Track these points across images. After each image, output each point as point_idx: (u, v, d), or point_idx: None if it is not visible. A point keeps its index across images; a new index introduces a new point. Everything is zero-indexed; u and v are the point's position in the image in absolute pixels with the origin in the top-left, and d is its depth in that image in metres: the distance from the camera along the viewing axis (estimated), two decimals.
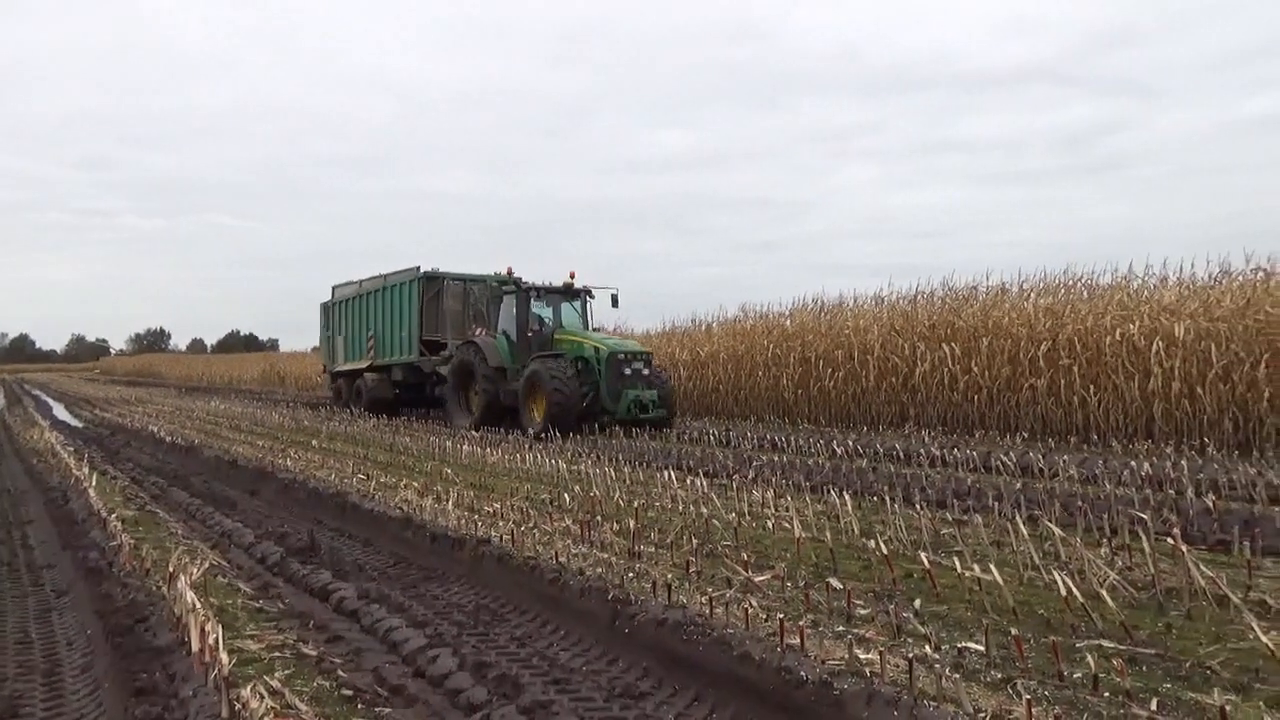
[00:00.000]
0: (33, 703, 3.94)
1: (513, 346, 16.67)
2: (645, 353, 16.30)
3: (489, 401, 16.48)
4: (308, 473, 10.46)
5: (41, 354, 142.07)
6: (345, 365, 23.16)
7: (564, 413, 14.79)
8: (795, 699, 3.53)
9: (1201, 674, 3.86)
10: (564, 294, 17.36)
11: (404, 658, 4.26)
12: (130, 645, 4.28)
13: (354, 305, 22.69)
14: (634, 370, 15.60)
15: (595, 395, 15.42)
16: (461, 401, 17.60)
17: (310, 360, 50.74)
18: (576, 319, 17.36)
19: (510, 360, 16.53)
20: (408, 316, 20.06)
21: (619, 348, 15.82)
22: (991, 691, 3.67)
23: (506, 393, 16.22)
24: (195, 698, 3.53)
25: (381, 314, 21.21)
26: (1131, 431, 13.08)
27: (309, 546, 6.76)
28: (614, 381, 15.37)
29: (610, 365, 15.42)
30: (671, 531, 6.75)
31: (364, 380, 21.72)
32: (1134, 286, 14.53)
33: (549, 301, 17.12)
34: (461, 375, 17.44)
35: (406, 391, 20.83)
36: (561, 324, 17.02)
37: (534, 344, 16.44)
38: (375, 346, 21.45)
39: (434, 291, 20.02)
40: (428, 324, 19.82)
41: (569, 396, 14.87)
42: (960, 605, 4.92)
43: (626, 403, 15.28)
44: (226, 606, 5.03)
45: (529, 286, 16.92)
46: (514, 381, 16.08)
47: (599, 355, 15.61)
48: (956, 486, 8.46)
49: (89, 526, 7.40)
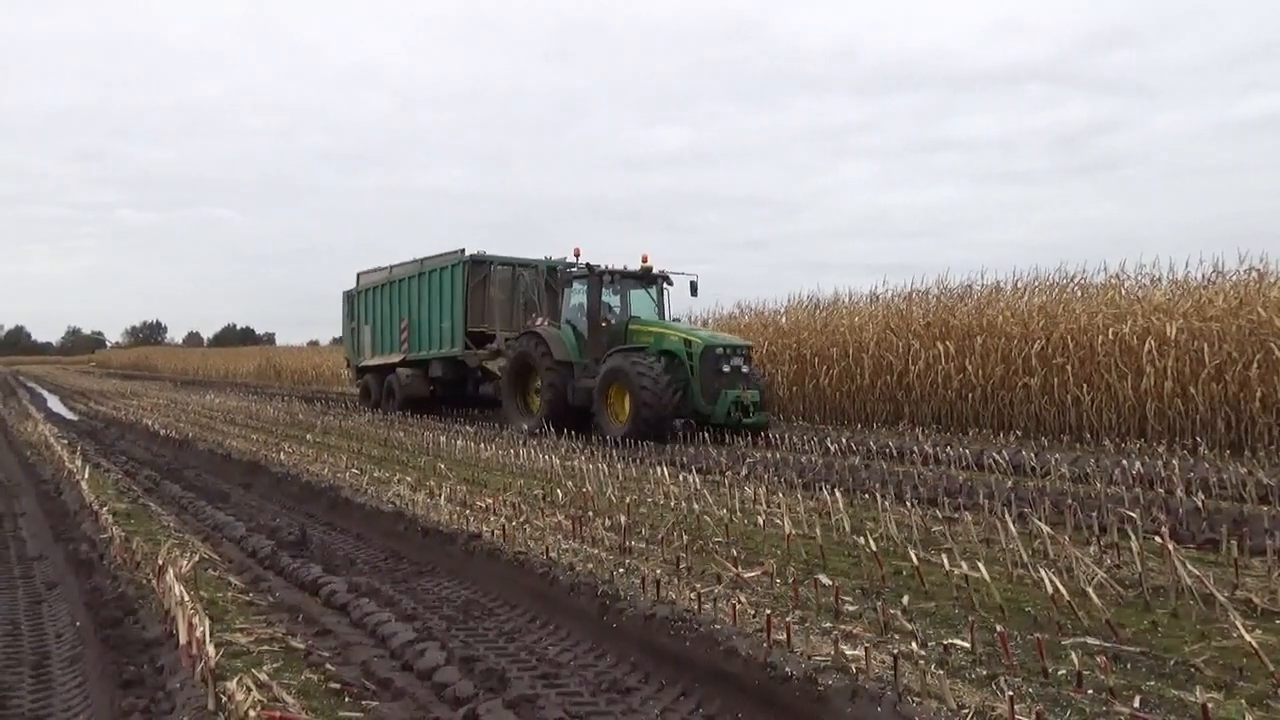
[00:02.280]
0: (20, 694, 3.94)
1: (580, 339, 14.88)
2: (745, 346, 14.31)
3: (554, 401, 14.61)
4: (301, 467, 10.46)
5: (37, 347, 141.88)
6: (374, 359, 21.10)
7: (655, 415, 12.96)
8: (780, 695, 3.55)
9: (1185, 672, 3.88)
10: (639, 280, 15.33)
11: (392, 651, 4.27)
12: (119, 638, 4.29)
13: (384, 293, 20.77)
14: (733, 367, 13.65)
15: (683, 396, 13.52)
16: (519, 401, 15.80)
17: (306, 354, 50.83)
18: (651, 308, 15.39)
19: (578, 354, 14.74)
20: (450, 305, 18.13)
21: (715, 341, 13.93)
22: (976, 688, 3.68)
23: (576, 391, 14.45)
24: (182, 690, 3.54)
25: (418, 303, 19.27)
26: (1124, 431, 13.12)
27: (300, 540, 6.77)
28: (709, 380, 13.46)
29: (705, 361, 13.48)
30: (663, 527, 6.76)
31: (396, 376, 19.75)
32: (1126, 286, 14.56)
33: (618, 289, 15.18)
34: (519, 371, 15.66)
35: (445, 389, 19.15)
36: (630, 313, 15.15)
37: (606, 336, 14.62)
38: (409, 338, 19.56)
39: (480, 277, 18.00)
40: (473, 313, 17.86)
41: (661, 397, 13.01)
42: (948, 602, 4.94)
43: (726, 405, 13.29)
44: (217, 600, 5.03)
45: (602, 271, 14.86)
46: (584, 379, 14.43)
47: (691, 350, 13.63)
48: (948, 484, 8.48)
49: (81, 519, 7.41)
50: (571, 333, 15.02)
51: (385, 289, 20.72)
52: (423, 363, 19.20)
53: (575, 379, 14.56)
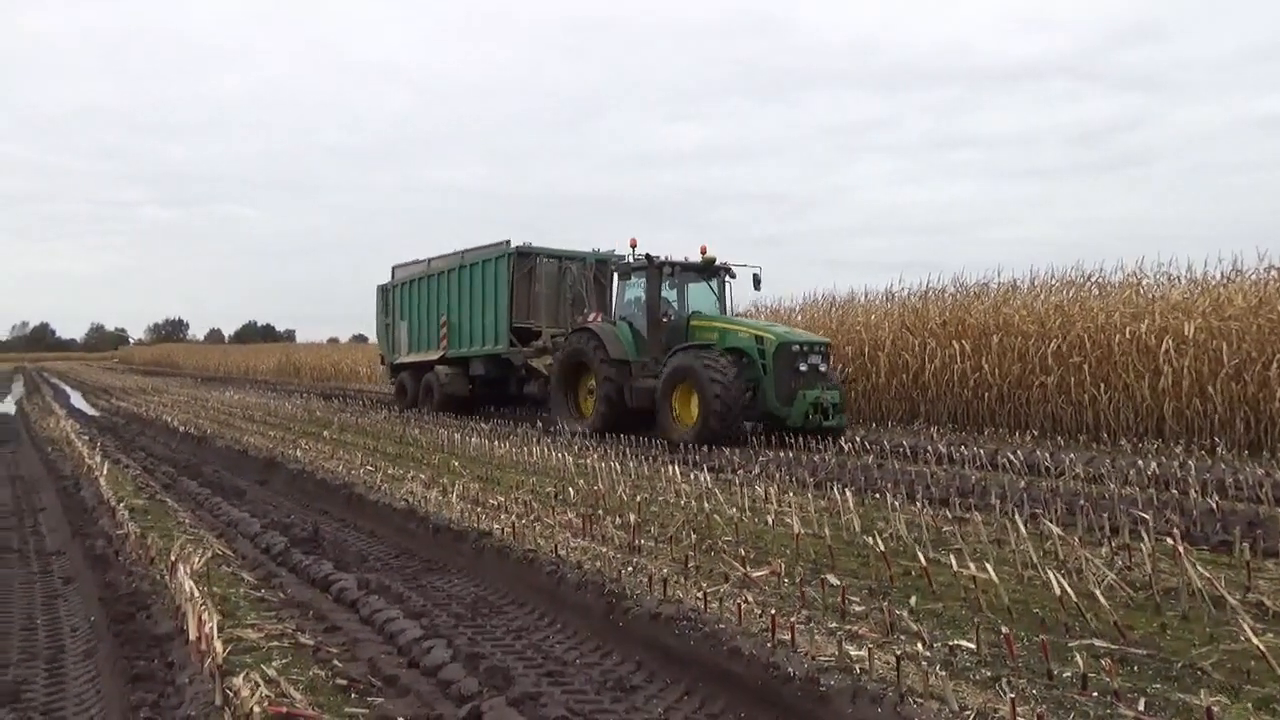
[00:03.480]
0: (34, 688, 4.01)
1: (638, 336, 13.99)
2: (823, 343, 13.35)
3: (610, 403, 13.70)
4: (317, 463, 10.54)
5: (61, 343, 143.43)
6: (410, 357, 20.27)
7: (727, 417, 12.07)
8: (782, 695, 3.56)
9: (1193, 675, 3.86)
10: (701, 272, 14.40)
11: (399, 648, 4.31)
12: (131, 632, 4.36)
13: (421, 288, 19.95)
14: (810, 366, 12.68)
15: (755, 396, 12.65)
16: (570, 402, 14.87)
17: (325, 351, 51.16)
18: (711, 303, 14.47)
19: (635, 353, 13.84)
20: (494, 300, 17.26)
21: (791, 337, 12.97)
22: (980, 689, 3.68)
23: (634, 392, 13.56)
24: (191, 685, 3.59)
25: (458, 297, 18.45)
26: (1142, 431, 13.02)
27: (313, 537, 6.83)
28: (785, 380, 12.51)
29: (780, 359, 12.53)
30: (672, 526, 6.78)
31: (435, 375, 18.91)
32: (1144, 284, 14.44)
33: (676, 282, 14.24)
34: (571, 370, 14.73)
35: (486, 388, 18.36)
36: (689, 308, 14.27)
37: (665, 333, 13.74)
38: (449, 335, 18.74)
39: (525, 270, 17.11)
40: (517, 309, 16.98)
41: (733, 398, 12.11)
42: (955, 603, 4.93)
43: (804, 406, 12.35)
44: (229, 596, 5.08)
45: (662, 262, 13.92)
46: (642, 378, 13.55)
47: (764, 347, 12.70)
48: (961, 484, 8.45)
49: (98, 515, 7.50)
50: (628, 329, 14.11)
51: (423, 283, 19.93)
52: (463, 360, 18.52)
53: (633, 379, 13.68)
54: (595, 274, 17.31)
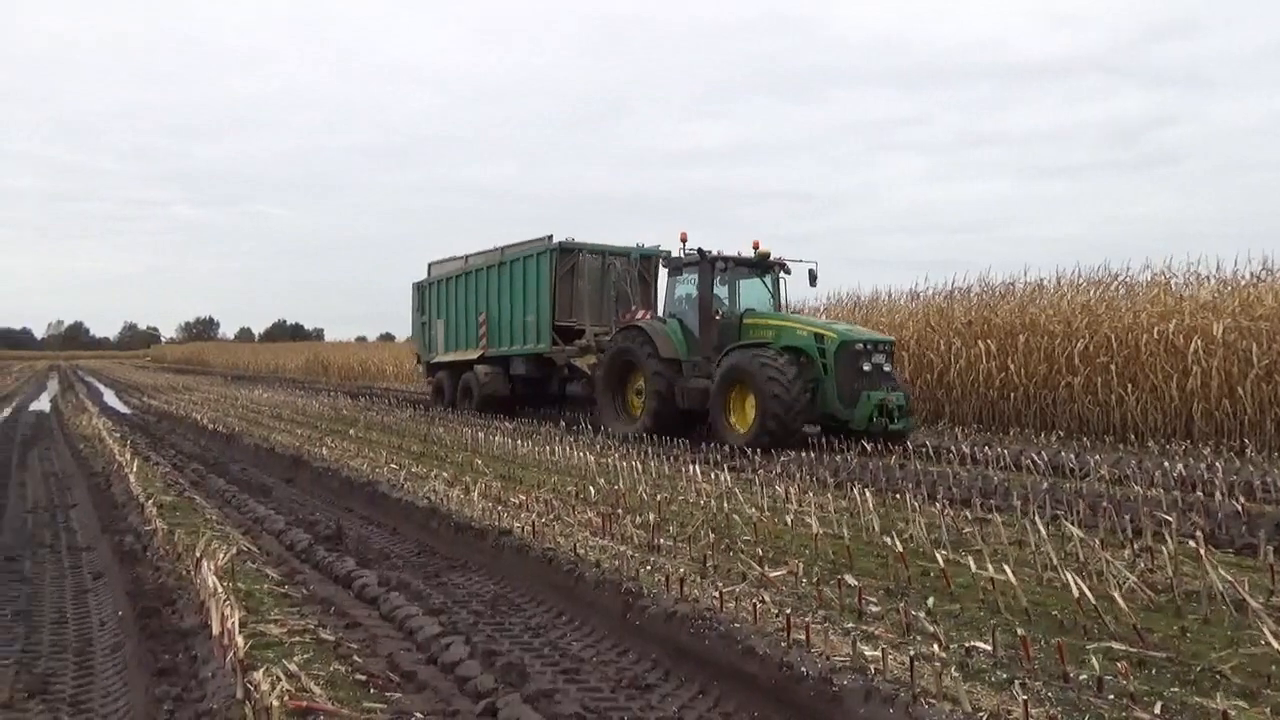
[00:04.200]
0: (63, 680, 4.10)
1: (689, 334, 13.47)
2: (888, 341, 12.77)
3: (660, 404, 13.17)
4: (342, 462, 10.66)
5: (95, 342, 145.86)
6: (448, 356, 19.86)
7: (785, 420, 11.53)
8: (795, 694, 3.57)
9: (1211, 679, 3.83)
10: (755, 268, 13.81)
11: (418, 645, 4.37)
12: (156, 627, 4.45)
13: (459, 285, 19.49)
14: (874, 365, 12.07)
15: (814, 398, 12.01)
16: (617, 403, 14.34)
17: (353, 350, 51.62)
18: (765, 300, 13.89)
19: (686, 351, 13.32)
20: (535, 297, 16.85)
21: (854, 335, 12.33)
22: (995, 691, 3.67)
23: (685, 393, 13.04)
24: (213, 679, 3.67)
25: (498, 294, 18.02)
26: (1170, 432, 12.88)
27: (335, 534, 6.92)
28: (847, 380, 11.89)
29: (842, 359, 11.94)
30: (691, 526, 6.80)
31: (474, 374, 18.40)
32: (1173, 284, 14.27)
33: (728, 278, 13.55)
34: (618, 370, 14.20)
35: (526, 387, 17.94)
36: (739, 305, 13.62)
37: (718, 331, 13.24)
38: (488, 333, 18.31)
39: (567, 266, 16.63)
40: (560, 306, 16.54)
41: (793, 399, 11.55)
42: (973, 605, 4.92)
43: (869, 409, 11.73)
44: (253, 592, 5.16)
45: (714, 257, 13.37)
46: (694, 378, 13.05)
47: (824, 345, 12.11)
48: (984, 485, 8.41)
49: (128, 511, 7.65)
50: (678, 327, 13.58)
51: (460, 280, 19.52)
52: (503, 359, 18.06)
53: (683, 379, 13.19)
54: (640, 270, 16.83)
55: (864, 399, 11.76)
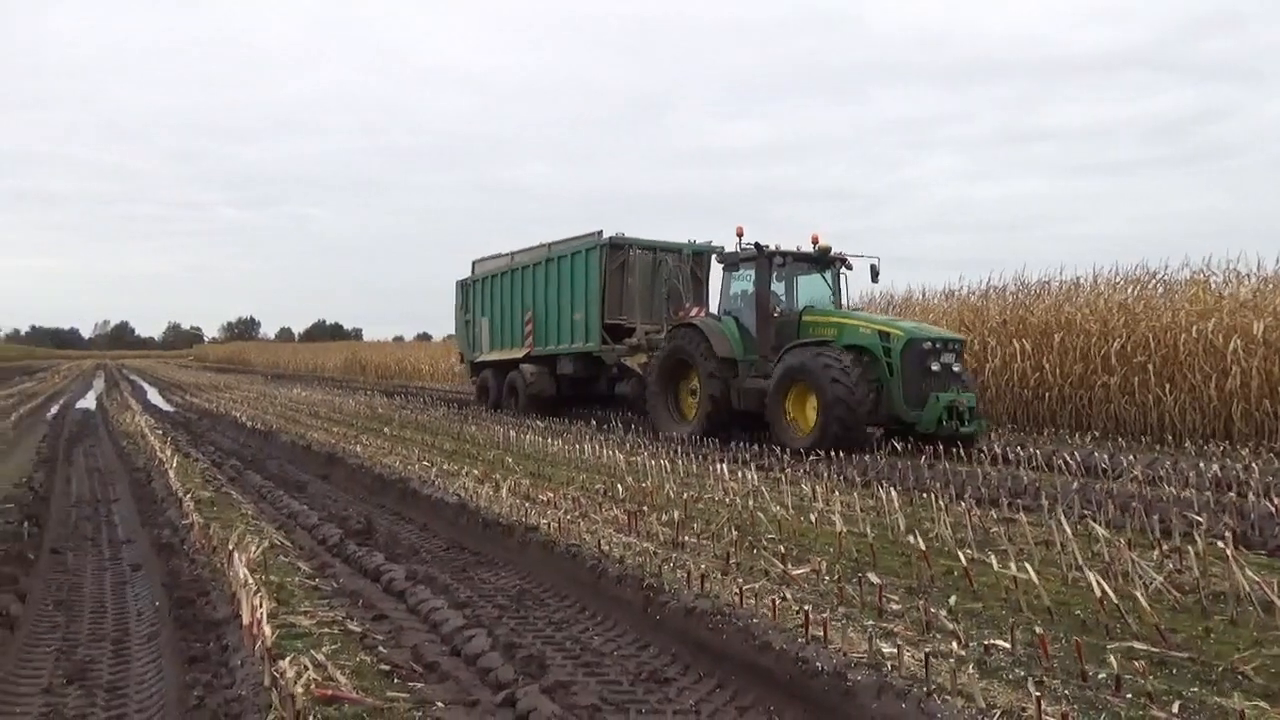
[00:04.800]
0: (101, 667, 4.25)
1: (745, 331, 13.01)
2: (958, 340, 12.23)
3: (716, 405, 12.79)
4: (375, 459, 10.82)
5: (140, 341, 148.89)
6: (492, 354, 19.57)
7: (849, 423, 11.07)
8: (810, 689, 3.61)
9: (1232, 679, 3.81)
10: (814, 263, 13.27)
11: (443, 637, 4.46)
12: (190, 617, 4.58)
13: (505, 282, 19.18)
14: (943, 365, 11.53)
15: (878, 399, 11.52)
16: (670, 404, 13.91)
17: (390, 350, 52.17)
18: (825, 296, 13.37)
19: (742, 350, 12.87)
20: (584, 294, 16.46)
21: (922, 333, 11.79)
22: (1012, 689, 3.68)
23: (742, 393, 12.63)
24: (242, 667, 3.78)
25: (545, 292, 17.65)
26: (1209, 433, 12.68)
27: (366, 529, 7.05)
28: (914, 381, 11.39)
29: (909, 358, 11.42)
30: (716, 523, 6.84)
31: (520, 374, 18.12)
32: (1212, 282, 14.04)
33: (785, 274, 13.06)
34: (671, 369, 13.76)
35: (574, 387, 17.58)
36: (797, 301, 13.14)
37: (775, 329, 12.77)
38: (534, 331, 17.94)
39: (618, 263, 16.23)
40: (610, 304, 16.13)
41: (857, 400, 11.09)
42: (996, 604, 4.91)
43: (938, 411, 11.19)
44: (285, 584, 5.28)
45: (772, 252, 12.79)
46: (750, 379, 12.62)
47: (890, 344, 11.59)
48: (1013, 485, 8.36)
49: (167, 506, 7.84)
50: (734, 325, 13.13)
51: (506, 277, 19.19)
52: (549, 358, 17.70)
53: (740, 379, 12.76)
54: (692, 267, 16.48)
55: (932, 400, 11.26)
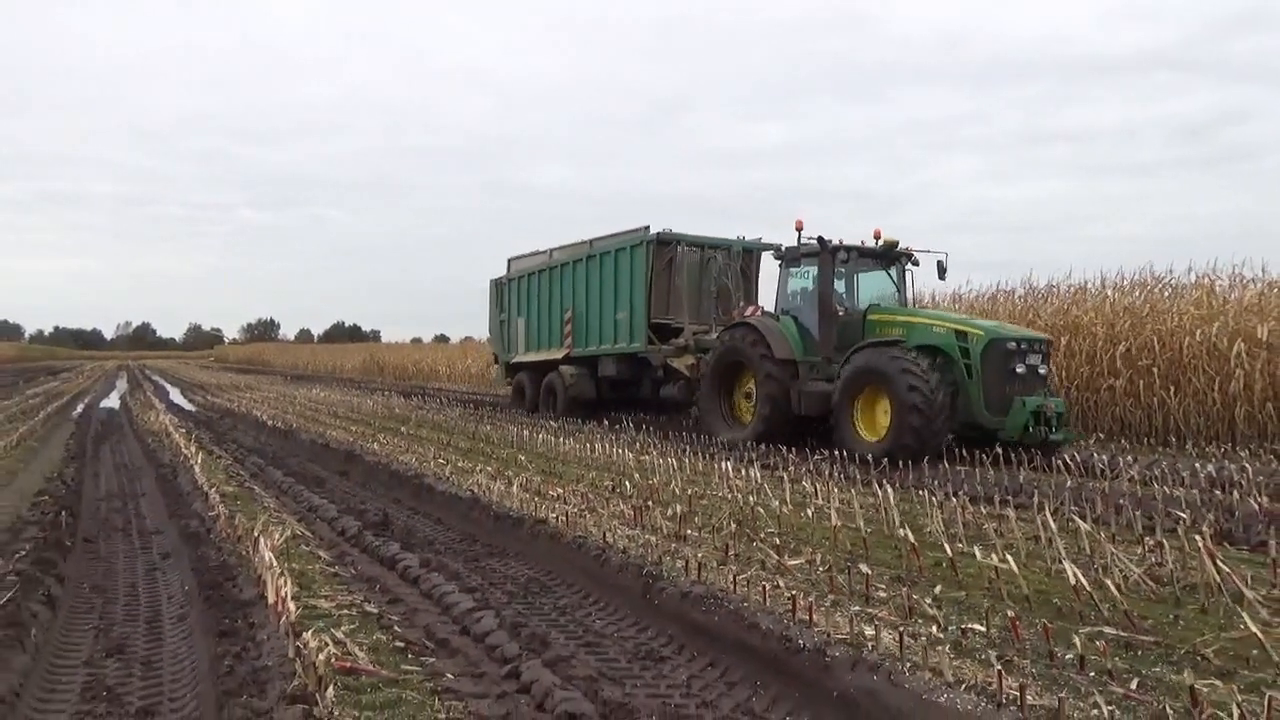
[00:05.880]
0: (136, 643, 4.57)
1: (804, 331, 12.36)
2: (1044, 340, 11.50)
3: (775, 409, 12.10)
4: (392, 456, 11.15)
5: (161, 342, 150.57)
6: (529, 356, 18.95)
7: (926, 431, 10.34)
8: (792, 664, 3.88)
9: (1193, 660, 4.05)
10: (879, 258, 12.66)
11: (454, 618, 4.76)
12: (219, 598, 4.90)
13: (542, 281, 18.60)
14: (1029, 367, 10.83)
15: (954, 402, 10.78)
16: (724, 408, 13.31)
17: (408, 351, 52.68)
18: (889, 294, 12.77)
19: (802, 351, 12.24)
20: (629, 293, 15.86)
21: (1005, 333, 11.05)
22: (982, 667, 3.93)
23: (803, 397, 11.93)
24: (268, 641, 4.09)
25: (585, 290, 17.08)
26: (1213, 435, 12.84)
27: (383, 522, 7.37)
28: (996, 384, 10.66)
29: (990, 359, 10.70)
30: (718, 518, 7.11)
31: (559, 375, 17.51)
32: (1218, 286, 14.19)
33: (845, 271, 12.38)
34: (725, 371, 13.17)
35: (615, 389, 16.96)
36: (857, 299, 12.53)
37: (838, 329, 12.11)
38: (573, 332, 17.40)
39: (665, 260, 15.65)
40: (656, 303, 15.57)
41: (937, 406, 10.39)
42: (978, 592, 5.16)
43: (1023, 417, 10.45)
44: (306, 571, 5.59)
45: (836, 247, 12.06)
46: (812, 381, 11.97)
47: (969, 344, 10.87)
48: (1009, 484, 8.58)
49: (192, 499, 8.19)
50: (794, 325, 12.48)
51: (543, 275, 18.57)
52: (590, 359, 17.10)
53: (800, 382, 12.10)
54: (741, 264, 16.00)
55: (1017, 405, 10.50)
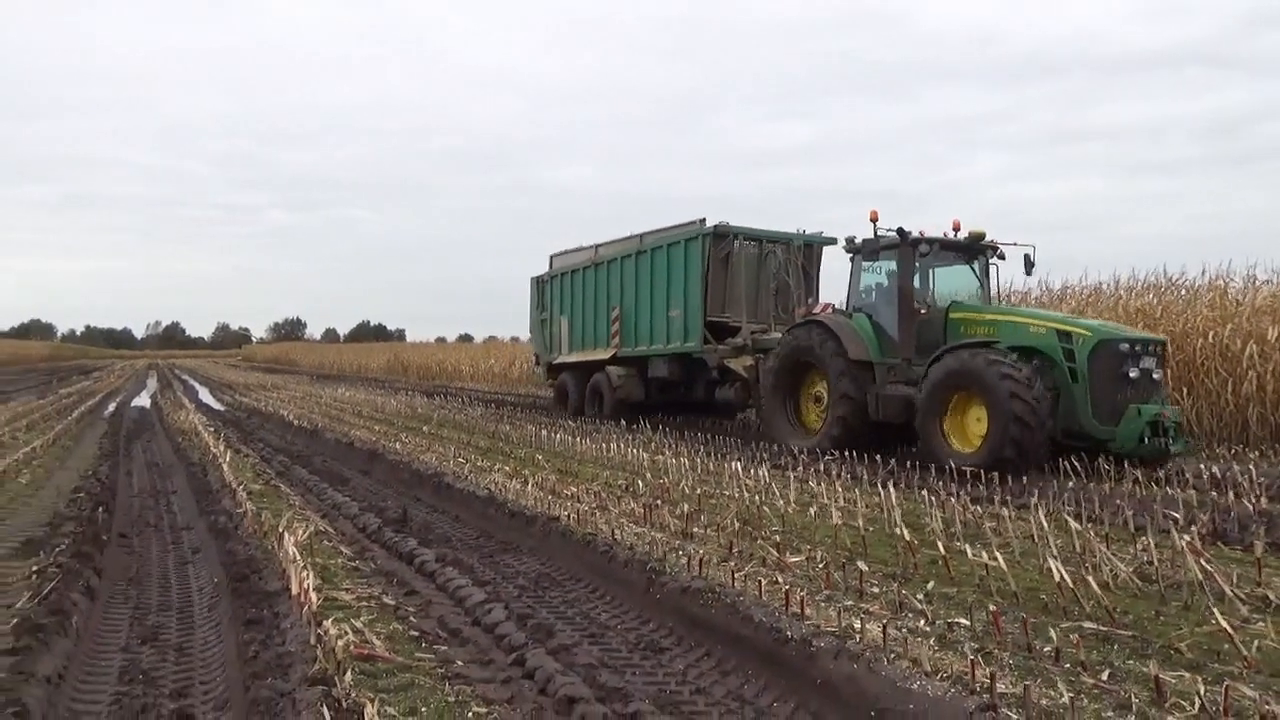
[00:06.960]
0: (169, 631, 4.89)
1: (880, 330, 11.52)
2: (1159, 341, 10.61)
3: (850, 414, 11.26)
4: (414, 455, 11.47)
5: (190, 341, 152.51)
6: (573, 356, 18.19)
7: (1029, 442, 9.52)
8: (780, 654, 4.12)
9: (1166, 654, 4.25)
10: (962, 252, 11.64)
11: (466, 610, 5.03)
12: (245, 590, 5.21)
13: (587, 278, 17.78)
14: (1143, 371, 9.92)
15: (1054, 408, 9.88)
16: (790, 412, 12.45)
17: (432, 351, 53.22)
18: (971, 290, 11.77)
19: (879, 352, 11.40)
20: (682, 290, 15.00)
21: (1114, 333, 10.18)
22: (962, 658, 4.14)
23: (881, 401, 11.09)
24: (292, 629, 4.38)
25: (634, 287, 16.30)
26: (1225, 437, 12.90)
27: (402, 519, 7.67)
28: (1106, 390, 9.76)
29: (1099, 362, 9.81)
30: (724, 516, 7.34)
31: (606, 376, 16.73)
32: (1230, 288, 14.23)
33: (924, 264, 11.34)
34: (790, 373, 12.32)
35: (664, 392, 16.24)
36: (934, 296, 11.48)
37: (918, 328, 11.17)
38: (621, 331, 16.63)
39: (722, 255, 14.82)
40: (712, 300, 14.70)
41: (1042, 414, 9.55)
42: (969, 589, 5.36)
43: (1138, 426, 9.56)
44: (328, 565, 5.89)
45: (918, 239, 11.08)
46: (891, 385, 11.10)
47: (1073, 345, 9.98)
48: (1011, 484, 8.75)
49: (221, 496, 8.53)
50: (868, 323, 11.61)
51: (589, 272, 17.77)
52: (639, 360, 16.34)
53: (877, 385, 11.25)
54: (802, 260, 15.33)
55: (1131, 414, 9.60)
